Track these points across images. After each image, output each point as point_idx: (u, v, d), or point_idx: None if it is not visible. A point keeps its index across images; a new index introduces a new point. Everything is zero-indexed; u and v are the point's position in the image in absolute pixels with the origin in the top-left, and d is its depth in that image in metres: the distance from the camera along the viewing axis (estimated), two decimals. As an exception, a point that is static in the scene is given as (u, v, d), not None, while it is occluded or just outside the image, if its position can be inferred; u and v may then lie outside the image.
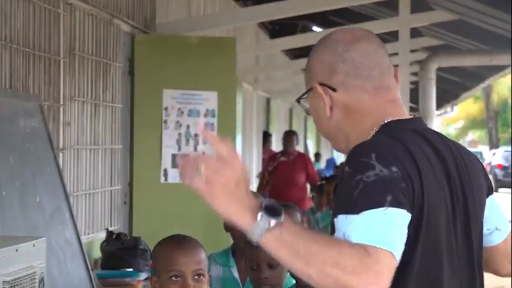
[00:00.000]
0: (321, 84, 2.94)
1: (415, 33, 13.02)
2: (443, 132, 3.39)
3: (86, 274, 7.00)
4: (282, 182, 13.93)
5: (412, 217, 2.71)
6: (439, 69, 13.90)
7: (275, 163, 14.24)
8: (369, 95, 2.92)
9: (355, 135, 2.95)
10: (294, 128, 26.87)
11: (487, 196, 3.06)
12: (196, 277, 3.61)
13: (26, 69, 7.04)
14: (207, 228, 7.10)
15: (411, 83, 12.79)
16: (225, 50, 10.18)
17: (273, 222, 2.58)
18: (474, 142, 67.70)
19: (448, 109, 33.78)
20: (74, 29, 8.10)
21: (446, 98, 26.23)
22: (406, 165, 2.74)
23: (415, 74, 14.34)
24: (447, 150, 2.93)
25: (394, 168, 2.71)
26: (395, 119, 2.90)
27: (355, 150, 2.81)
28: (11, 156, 6.26)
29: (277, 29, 19.30)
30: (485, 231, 3.07)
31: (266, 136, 19.47)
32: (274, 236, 2.59)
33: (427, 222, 2.76)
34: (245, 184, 2.68)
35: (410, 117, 2.94)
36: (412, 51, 13.41)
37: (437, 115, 32.74)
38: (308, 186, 14.56)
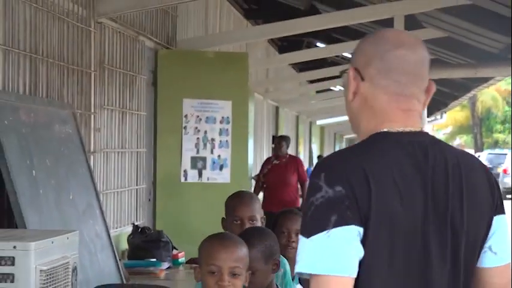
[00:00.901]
0: (355, 69, 2.87)
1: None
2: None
3: (114, 264, 7.00)
4: (276, 183, 13.91)
5: (364, 227, 2.63)
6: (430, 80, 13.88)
7: (269, 166, 14.21)
8: (388, 98, 2.83)
9: (362, 128, 2.90)
10: (300, 133, 26.88)
11: (495, 214, 2.84)
12: (232, 274, 3.61)
13: (60, 81, 7.05)
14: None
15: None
16: (238, 64, 10.20)
17: None
18: (461, 146, 67.42)
19: (438, 116, 33.69)
20: (103, 45, 8.12)
21: (436, 106, 26.15)
22: (353, 182, 2.64)
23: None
24: (437, 166, 2.77)
25: (338, 188, 2.63)
26: (393, 130, 2.80)
27: (315, 167, 2.78)
28: (47, 159, 6.26)
29: (285, 44, 19.24)
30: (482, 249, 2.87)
31: (275, 140, 19.46)
32: None
33: (375, 233, 2.65)
34: None
35: (409, 130, 2.80)
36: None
37: (429, 121, 32.76)
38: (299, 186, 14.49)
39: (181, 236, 8.55)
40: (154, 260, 7.79)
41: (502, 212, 2.88)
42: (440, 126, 67.06)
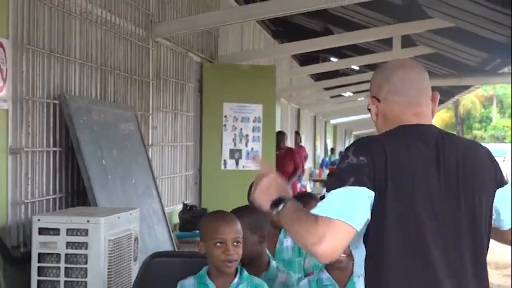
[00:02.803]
0: (372, 97, 2.93)
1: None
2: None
3: (167, 235, 7.00)
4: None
5: (377, 192, 2.67)
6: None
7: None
8: (400, 107, 2.86)
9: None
10: (317, 131, 26.81)
11: (498, 188, 2.84)
12: (235, 243, 3.53)
13: (125, 88, 7.05)
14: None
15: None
16: (267, 75, 10.18)
17: (275, 209, 2.84)
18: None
19: (428, 116, 33.47)
20: (159, 60, 8.12)
21: (426, 108, 26.01)
22: (374, 156, 2.69)
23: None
24: (447, 148, 2.78)
25: (362, 158, 2.68)
26: (409, 124, 2.84)
27: (350, 145, 2.83)
28: (114, 150, 6.27)
29: (305, 59, 19.21)
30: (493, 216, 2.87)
31: (297, 135, 19.40)
32: (278, 215, 2.83)
33: (394, 197, 2.67)
34: (275, 186, 2.90)
35: (422, 124, 2.84)
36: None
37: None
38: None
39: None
40: (200, 231, 7.77)
41: (504, 184, 2.88)
42: (430, 125, 66.92)
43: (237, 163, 9.89)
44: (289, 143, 18.45)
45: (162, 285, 3.86)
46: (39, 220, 4.67)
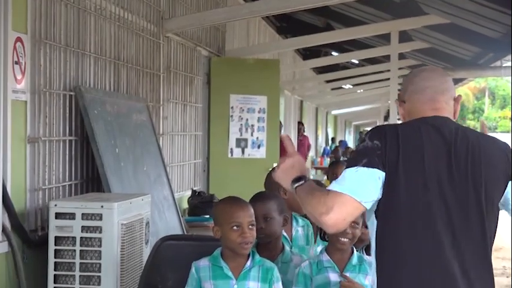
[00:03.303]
0: (400, 101, 3.05)
1: (400, 55, 12.90)
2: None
3: (177, 219, 7.00)
4: None
5: (387, 174, 2.75)
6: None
7: None
8: (421, 103, 2.95)
9: None
10: (318, 121, 26.77)
11: (510, 180, 2.84)
12: (250, 226, 3.52)
13: (137, 81, 7.05)
14: (258, 188, 7.09)
15: (399, 90, 12.67)
16: (271, 68, 10.16)
17: (294, 185, 2.94)
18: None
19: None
20: (169, 54, 8.11)
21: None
22: (388, 140, 2.77)
23: (401, 84, 14.29)
24: (460, 139, 2.83)
25: (376, 142, 2.78)
26: (426, 116, 2.91)
27: (368, 131, 2.92)
28: (127, 140, 6.27)
29: (307, 53, 19.18)
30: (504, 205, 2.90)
31: (300, 125, 19.40)
32: (296, 191, 2.92)
33: (405, 178, 2.75)
34: (297, 167, 3.00)
35: (439, 116, 2.91)
36: (400, 68, 13.32)
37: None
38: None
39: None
40: (208, 216, 7.78)
41: None
42: (425, 115, 66.71)
43: (242, 151, 9.88)
44: (293, 133, 18.46)
45: (172, 266, 3.87)
46: (55, 205, 4.68)
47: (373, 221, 2.85)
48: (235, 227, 3.52)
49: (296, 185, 2.93)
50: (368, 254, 3.94)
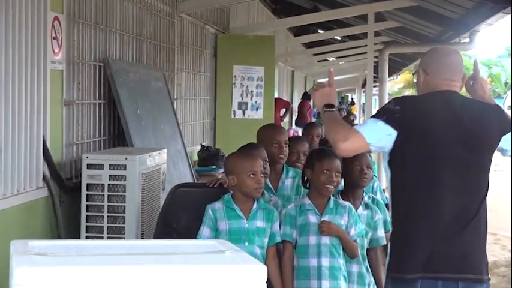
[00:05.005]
0: (423, 69, 3.08)
1: (376, 33, 12.79)
2: (391, 91, 3.40)
3: (189, 170, 7.01)
4: None
5: (400, 133, 2.85)
6: (390, 54, 13.68)
7: None
8: (439, 79, 3.02)
9: None
10: (307, 88, 26.68)
11: (505, 133, 2.95)
12: (261, 174, 3.52)
13: (155, 53, 7.02)
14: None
15: (374, 62, 12.59)
16: (268, 43, 10.10)
17: (326, 109, 3.10)
18: (409, 96, 67.27)
19: (395, 77, 33.25)
20: (182, 31, 8.05)
21: (393, 71, 25.75)
22: (406, 106, 2.90)
23: (376, 57, 14.20)
24: (462, 107, 2.94)
25: (397, 106, 2.90)
26: (441, 90, 3.00)
27: (392, 99, 3.03)
28: (147, 103, 6.25)
29: (298, 31, 19.04)
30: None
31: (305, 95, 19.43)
32: (325, 115, 3.09)
33: (417, 136, 2.86)
34: (333, 96, 3.17)
35: (450, 90, 3.00)
36: (375, 44, 13.23)
37: (389, 80, 32.26)
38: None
39: (231, 151, 8.53)
40: (214, 167, 7.78)
41: (507, 131, 2.95)
42: (396, 83, 66.65)
43: (243, 113, 9.87)
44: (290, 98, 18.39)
45: (185, 209, 3.87)
46: (87, 157, 4.68)
47: (386, 169, 2.98)
48: (251, 175, 3.50)
49: (327, 109, 3.08)
50: (343, 199, 3.88)
